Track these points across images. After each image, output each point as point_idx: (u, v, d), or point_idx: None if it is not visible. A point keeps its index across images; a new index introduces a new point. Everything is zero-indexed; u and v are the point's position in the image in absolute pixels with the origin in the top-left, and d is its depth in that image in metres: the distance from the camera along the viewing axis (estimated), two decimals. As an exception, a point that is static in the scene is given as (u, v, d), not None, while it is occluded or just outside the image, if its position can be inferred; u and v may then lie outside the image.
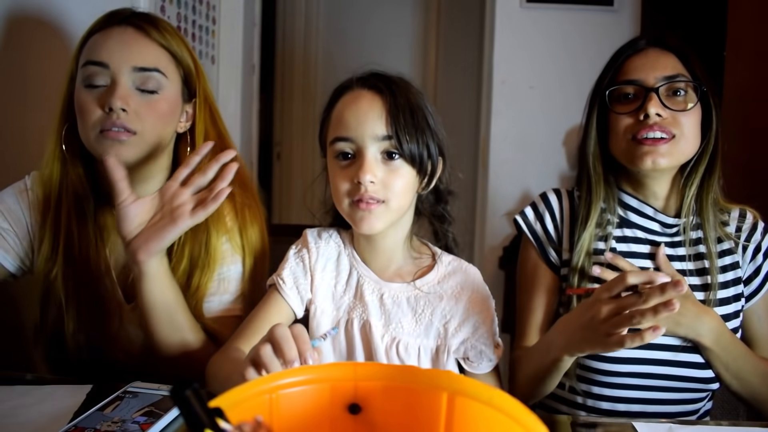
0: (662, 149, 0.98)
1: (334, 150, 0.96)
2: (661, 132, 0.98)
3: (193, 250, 1.04)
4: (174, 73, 1.04)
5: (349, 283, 1.02)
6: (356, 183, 0.93)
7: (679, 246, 1.06)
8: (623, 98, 1.03)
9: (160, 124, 1.02)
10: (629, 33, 2.65)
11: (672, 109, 0.99)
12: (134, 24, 1.01)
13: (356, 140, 0.94)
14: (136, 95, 0.99)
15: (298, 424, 0.53)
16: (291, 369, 0.55)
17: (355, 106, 0.95)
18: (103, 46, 0.99)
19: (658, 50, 1.04)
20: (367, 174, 0.92)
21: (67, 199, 1.03)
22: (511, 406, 0.48)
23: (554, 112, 2.68)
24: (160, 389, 0.84)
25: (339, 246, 1.06)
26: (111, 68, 0.98)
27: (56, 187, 1.04)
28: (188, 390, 0.42)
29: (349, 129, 0.94)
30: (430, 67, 3.60)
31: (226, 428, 0.44)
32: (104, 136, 0.97)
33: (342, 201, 0.96)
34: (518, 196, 2.74)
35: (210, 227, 1.05)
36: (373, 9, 3.62)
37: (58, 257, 1.02)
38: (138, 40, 1.00)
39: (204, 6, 2.17)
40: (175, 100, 1.04)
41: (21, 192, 1.07)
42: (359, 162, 0.93)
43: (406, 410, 0.54)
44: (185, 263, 1.04)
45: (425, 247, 1.07)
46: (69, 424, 0.73)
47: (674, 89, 1.00)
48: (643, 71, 1.02)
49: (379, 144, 0.93)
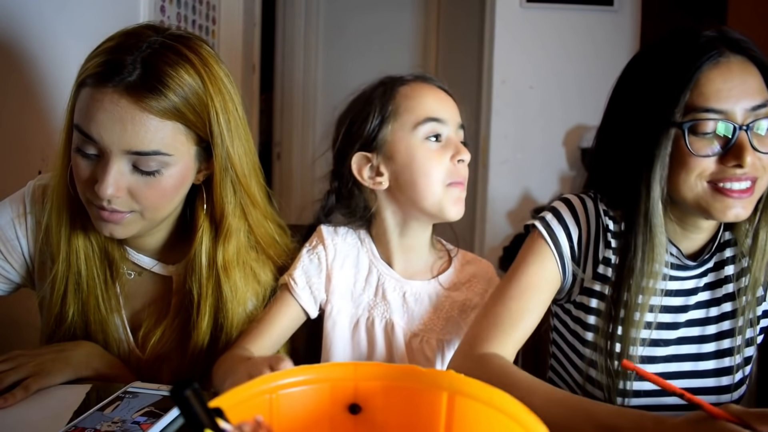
0: (747, 200, 0.81)
1: (424, 131, 0.95)
2: (747, 181, 0.81)
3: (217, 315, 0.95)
4: (184, 144, 0.85)
5: (369, 281, 1.01)
6: (456, 162, 0.95)
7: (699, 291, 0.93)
8: (700, 132, 0.81)
9: (164, 202, 0.87)
10: (629, 33, 2.65)
11: (762, 152, 0.81)
12: (131, 92, 0.80)
13: (447, 123, 0.97)
14: (131, 176, 0.83)
15: (298, 424, 0.53)
16: (291, 369, 0.55)
17: (437, 94, 0.99)
18: (93, 117, 0.81)
19: (741, 62, 0.82)
20: (466, 153, 0.96)
21: (75, 236, 0.93)
22: (511, 406, 0.48)
23: (554, 112, 2.68)
24: (160, 389, 0.84)
25: (356, 243, 1.03)
26: (101, 146, 0.82)
27: (66, 220, 0.93)
28: (188, 390, 0.42)
29: (438, 111, 0.97)
30: (430, 67, 3.60)
31: (226, 428, 0.44)
32: (97, 214, 0.85)
33: (436, 185, 0.95)
34: (518, 196, 2.74)
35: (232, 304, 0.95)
36: (373, 9, 3.62)
37: (68, 292, 0.94)
38: (134, 116, 0.80)
39: (204, 6, 2.17)
40: (184, 172, 0.87)
41: (19, 216, 0.96)
42: (454, 143, 0.96)
43: (406, 410, 0.54)
44: (207, 320, 0.95)
45: (440, 245, 1.09)
46: (69, 424, 0.73)
47: (760, 123, 0.81)
48: (729, 98, 0.80)
49: (459, 132, 0.99)
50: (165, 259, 0.98)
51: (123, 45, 0.83)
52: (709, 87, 0.80)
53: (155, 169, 0.83)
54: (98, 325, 0.95)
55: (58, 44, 1.39)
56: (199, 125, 0.85)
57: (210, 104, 0.85)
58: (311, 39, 3.71)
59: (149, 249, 0.98)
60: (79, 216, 0.92)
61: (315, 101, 3.71)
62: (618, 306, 0.88)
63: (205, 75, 0.85)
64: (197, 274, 0.93)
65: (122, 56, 0.81)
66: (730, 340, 0.93)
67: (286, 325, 0.98)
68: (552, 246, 0.91)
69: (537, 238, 0.92)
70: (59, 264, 0.92)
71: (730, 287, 0.93)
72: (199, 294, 0.93)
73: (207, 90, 0.85)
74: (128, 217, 0.86)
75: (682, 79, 0.81)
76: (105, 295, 0.95)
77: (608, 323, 0.89)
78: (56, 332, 0.95)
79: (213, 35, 2.27)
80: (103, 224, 0.86)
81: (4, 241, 0.96)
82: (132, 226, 0.87)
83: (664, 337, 0.91)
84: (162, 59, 0.82)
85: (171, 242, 0.98)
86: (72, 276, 0.93)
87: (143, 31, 0.85)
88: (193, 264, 0.93)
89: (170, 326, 0.95)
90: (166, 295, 0.98)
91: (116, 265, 0.96)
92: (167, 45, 0.84)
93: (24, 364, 0.84)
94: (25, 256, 0.98)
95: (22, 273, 0.99)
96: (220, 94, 0.87)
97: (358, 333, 0.99)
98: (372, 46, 3.61)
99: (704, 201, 0.83)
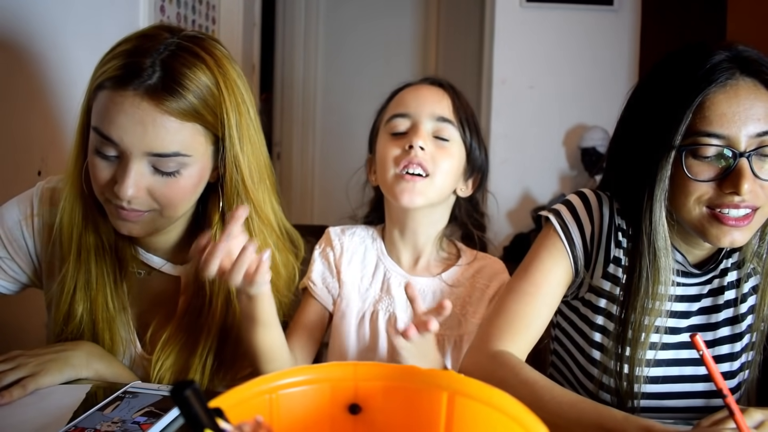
0: (744, 228, 0.80)
1: (388, 128, 1.01)
2: (746, 209, 0.79)
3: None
4: (203, 144, 0.86)
5: (376, 276, 1.05)
6: (407, 149, 0.97)
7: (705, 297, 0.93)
8: (700, 156, 0.79)
9: (183, 201, 0.88)
10: (629, 33, 2.65)
11: (762, 180, 0.79)
12: (151, 95, 0.80)
13: (413, 116, 0.99)
14: (151, 177, 0.84)
15: (298, 424, 0.53)
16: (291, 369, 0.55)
17: (417, 91, 1.03)
18: (113, 120, 0.81)
19: (751, 85, 0.79)
20: (419, 139, 0.97)
21: (86, 234, 0.94)
22: (511, 406, 0.48)
23: (554, 111, 2.68)
24: (160, 389, 0.84)
25: (364, 241, 1.09)
26: (121, 148, 0.82)
27: (78, 219, 0.93)
28: (188, 390, 0.42)
29: (408, 107, 1.00)
30: (430, 67, 3.60)
31: (226, 428, 0.44)
32: (115, 213, 0.86)
33: (388, 170, 0.99)
34: (518, 195, 2.74)
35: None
36: (373, 9, 3.62)
37: (77, 290, 0.94)
38: (155, 119, 0.81)
39: (204, 6, 2.17)
40: (201, 172, 0.88)
41: (27, 218, 0.97)
42: (413, 131, 0.99)
43: (406, 410, 0.54)
44: (218, 320, 0.95)
45: (453, 246, 1.10)
46: (69, 424, 0.73)
47: (764, 150, 0.78)
48: (733, 123, 0.77)
49: (435, 124, 0.99)
50: (175, 259, 0.98)
51: (141, 47, 0.83)
52: (713, 111, 0.78)
53: (174, 170, 0.84)
54: (105, 323, 0.95)
55: (57, 44, 1.39)
56: (216, 125, 0.86)
57: (223, 105, 0.86)
58: (311, 39, 3.71)
59: (160, 248, 0.98)
60: (90, 214, 0.92)
61: (315, 101, 3.71)
62: (626, 326, 0.87)
63: (219, 76, 0.85)
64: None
65: (141, 59, 0.81)
66: (729, 346, 0.92)
67: (317, 325, 1.05)
68: (565, 241, 0.89)
69: (551, 232, 0.91)
70: (70, 262, 0.93)
71: (732, 293, 0.93)
72: (211, 293, 0.93)
73: (221, 91, 0.85)
74: (147, 216, 0.86)
75: (685, 101, 0.79)
76: (113, 294, 0.95)
77: (617, 344, 0.88)
78: (64, 330, 0.95)
79: (213, 35, 2.27)
80: (122, 223, 0.87)
81: (12, 241, 0.97)
82: (150, 224, 0.88)
83: (665, 341, 0.90)
84: (180, 61, 0.82)
85: (182, 242, 0.98)
86: (82, 274, 0.93)
87: (159, 33, 0.85)
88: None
89: (178, 327, 0.95)
90: (174, 296, 0.98)
91: (126, 264, 0.96)
92: (183, 46, 0.84)
93: (24, 364, 0.85)
94: (32, 256, 0.98)
95: (28, 273, 0.99)
96: (233, 95, 0.87)
97: (363, 326, 1.02)
98: (372, 46, 3.61)
99: (701, 225, 0.81)
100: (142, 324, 0.98)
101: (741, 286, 0.92)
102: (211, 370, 0.94)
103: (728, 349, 0.92)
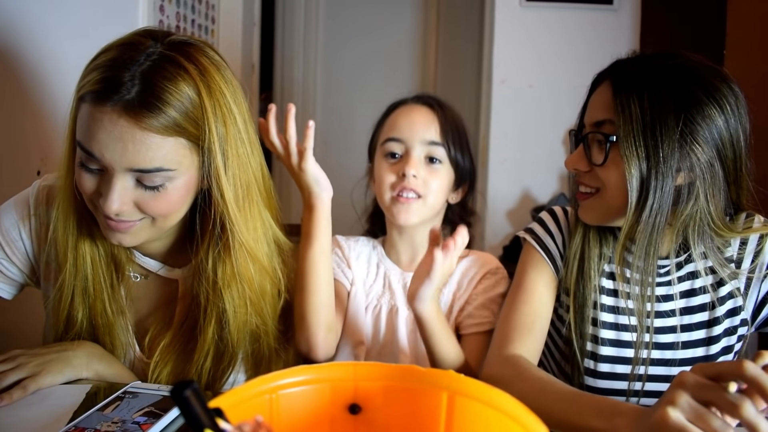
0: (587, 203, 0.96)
1: (384, 150, 1.13)
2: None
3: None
4: (187, 157, 0.83)
5: (378, 274, 1.18)
6: (401, 176, 1.09)
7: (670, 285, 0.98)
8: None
9: (173, 211, 0.86)
10: (629, 32, 2.65)
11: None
12: (130, 111, 0.77)
13: (406, 142, 1.11)
14: (136, 191, 0.82)
15: (298, 424, 0.53)
16: (291, 369, 0.55)
17: (409, 115, 1.13)
18: (93, 136, 0.79)
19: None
20: (412, 168, 1.09)
21: (82, 241, 0.93)
22: (511, 406, 0.49)
23: (554, 111, 2.68)
24: (160, 389, 0.84)
25: (369, 247, 1.22)
26: (103, 164, 0.80)
27: (73, 226, 0.92)
28: (188, 390, 0.42)
29: (402, 132, 1.11)
30: (430, 67, 3.60)
31: (226, 428, 0.44)
32: (105, 223, 0.85)
33: (385, 194, 1.12)
34: (518, 195, 2.74)
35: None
36: (373, 8, 3.62)
37: (76, 296, 0.93)
38: (134, 135, 0.78)
39: (203, 5, 2.17)
40: (189, 183, 0.86)
41: (23, 218, 0.97)
42: (406, 159, 1.10)
43: (406, 410, 0.54)
44: (214, 325, 0.94)
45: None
46: (69, 424, 0.73)
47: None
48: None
49: (426, 148, 1.11)
50: (172, 263, 0.98)
51: (120, 59, 0.79)
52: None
53: (159, 184, 0.82)
54: (105, 328, 0.94)
55: (57, 44, 1.39)
56: (200, 136, 0.83)
57: (205, 117, 0.82)
58: (311, 39, 3.71)
59: (156, 252, 0.97)
60: (85, 220, 0.91)
61: (315, 101, 3.70)
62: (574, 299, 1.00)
63: (202, 86, 0.82)
64: (204, 278, 0.91)
65: (120, 72, 0.78)
66: (705, 331, 0.97)
67: (342, 297, 1.15)
68: (542, 251, 1.02)
69: (529, 248, 1.04)
70: (67, 270, 0.92)
71: (699, 282, 0.97)
72: (207, 298, 0.91)
73: (203, 102, 0.82)
74: (138, 225, 0.85)
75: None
76: (111, 299, 0.94)
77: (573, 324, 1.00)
78: (65, 337, 0.95)
79: (212, 35, 2.27)
80: (111, 233, 0.86)
81: (9, 242, 0.97)
82: (141, 234, 0.87)
83: (657, 326, 0.96)
84: (161, 73, 0.79)
85: (178, 245, 0.97)
86: (79, 281, 0.93)
87: (141, 41, 0.82)
88: (200, 268, 0.92)
89: (176, 331, 0.95)
90: (172, 300, 0.97)
91: (122, 268, 0.96)
92: (165, 56, 0.81)
93: (24, 364, 0.85)
94: (29, 256, 0.98)
95: (26, 273, 0.99)
96: (218, 106, 0.84)
97: (368, 317, 1.14)
98: (371, 46, 3.61)
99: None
100: (141, 327, 0.98)
101: (710, 275, 0.96)
102: (208, 377, 0.94)
103: (704, 334, 0.96)
